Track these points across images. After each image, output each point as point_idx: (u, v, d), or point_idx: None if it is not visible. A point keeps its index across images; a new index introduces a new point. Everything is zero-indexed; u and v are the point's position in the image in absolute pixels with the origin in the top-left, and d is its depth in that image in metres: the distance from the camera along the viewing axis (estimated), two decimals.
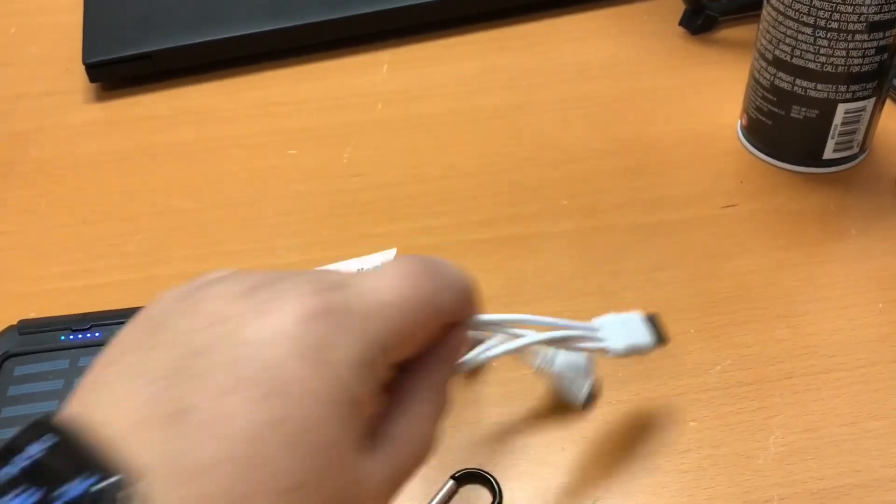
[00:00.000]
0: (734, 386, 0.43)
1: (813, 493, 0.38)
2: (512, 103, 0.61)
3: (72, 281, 0.51)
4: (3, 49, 0.71)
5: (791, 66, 0.50)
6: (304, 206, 0.55)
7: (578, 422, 0.42)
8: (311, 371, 0.23)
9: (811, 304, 0.46)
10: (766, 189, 0.53)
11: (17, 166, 0.59)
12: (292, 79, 0.66)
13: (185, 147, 0.60)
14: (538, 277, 0.49)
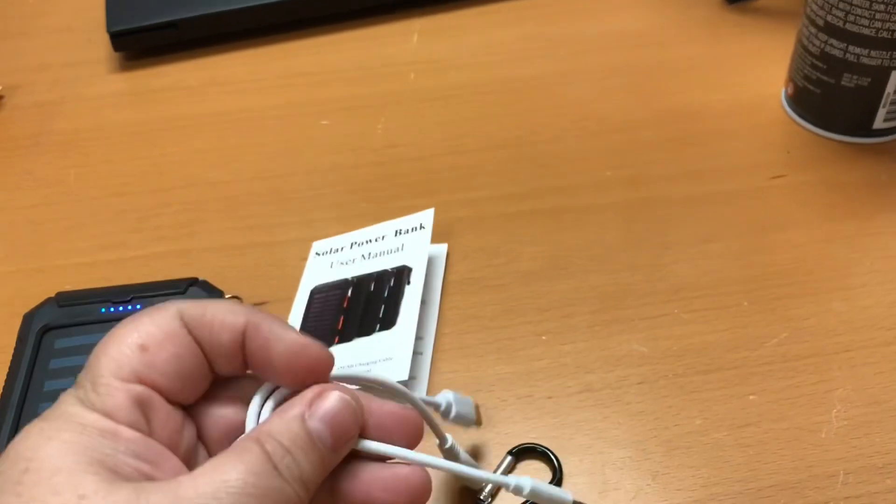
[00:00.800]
0: (792, 359, 0.42)
1: (879, 467, 0.37)
2: (550, 72, 0.60)
3: (105, 254, 0.50)
4: (23, 19, 0.69)
5: (844, 32, 0.49)
6: (339, 178, 0.53)
7: (634, 396, 0.41)
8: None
9: (867, 276, 0.45)
10: (815, 160, 0.52)
11: (42, 137, 0.58)
12: (319, 49, 0.64)
13: (213, 118, 0.59)
14: (585, 250, 0.48)
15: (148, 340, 0.24)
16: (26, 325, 0.43)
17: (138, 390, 0.24)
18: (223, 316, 0.26)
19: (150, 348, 0.24)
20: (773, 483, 0.37)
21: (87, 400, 0.23)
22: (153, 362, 0.24)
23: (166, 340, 0.25)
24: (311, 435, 0.24)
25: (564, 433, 0.39)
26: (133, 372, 0.24)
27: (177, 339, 0.25)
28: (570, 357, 0.42)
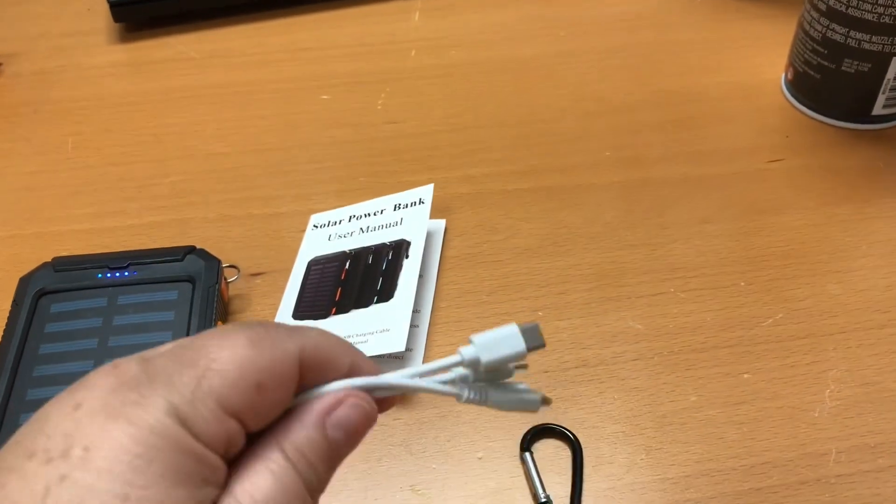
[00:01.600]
0: (787, 339, 0.42)
1: (871, 446, 0.38)
2: (550, 53, 0.60)
3: (103, 221, 0.49)
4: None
5: (846, 16, 0.49)
6: (339, 153, 0.53)
7: (629, 372, 0.41)
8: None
9: (864, 260, 0.45)
10: (813, 144, 0.52)
11: (40, 106, 0.58)
12: (321, 24, 0.64)
13: (214, 90, 0.59)
14: (583, 228, 0.48)
15: (266, 381, 0.22)
16: (22, 288, 0.42)
17: (235, 428, 0.22)
18: (334, 356, 0.24)
19: (266, 392, 0.22)
20: (766, 460, 0.37)
21: (185, 418, 0.21)
22: (260, 408, 0.22)
23: (280, 387, 0.23)
24: (330, 444, 0.24)
25: (559, 407, 0.40)
26: (238, 411, 0.22)
27: (289, 385, 0.23)
28: (567, 333, 0.43)
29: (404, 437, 0.39)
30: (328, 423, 0.24)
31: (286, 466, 0.22)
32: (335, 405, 0.24)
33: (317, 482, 0.23)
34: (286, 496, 0.22)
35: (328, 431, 0.24)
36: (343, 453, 0.24)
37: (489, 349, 0.26)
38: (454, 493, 0.37)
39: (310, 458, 0.23)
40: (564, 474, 0.37)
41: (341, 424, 0.24)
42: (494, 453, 0.38)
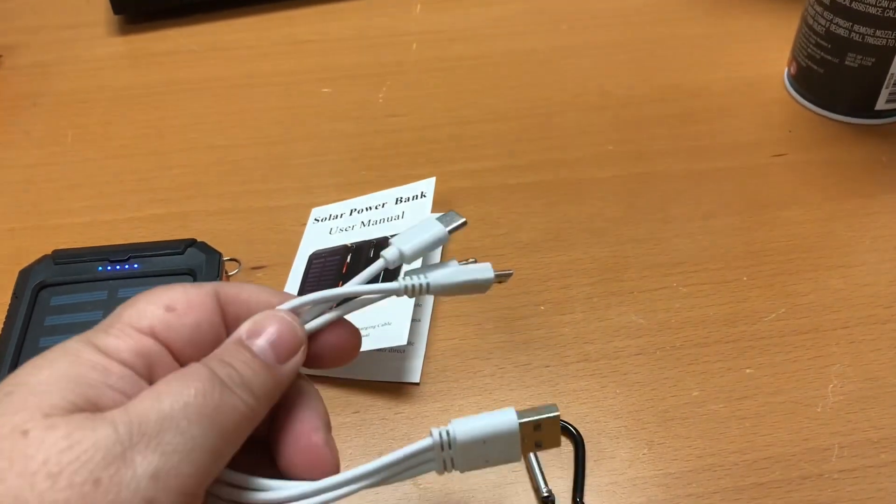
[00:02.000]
0: (790, 334, 0.42)
1: (873, 441, 0.38)
2: (553, 46, 0.60)
3: (102, 214, 0.49)
4: None
5: (850, 10, 0.49)
6: (339, 146, 0.53)
7: (631, 367, 0.41)
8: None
9: (867, 255, 0.45)
10: (816, 139, 0.52)
11: (40, 98, 0.57)
12: (321, 17, 0.64)
13: (214, 83, 0.58)
14: (586, 222, 0.47)
15: (176, 303, 0.25)
16: (22, 281, 0.42)
17: (148, 342, 0.24)
18: (260, 296, 0.26)
19: (176, 310, 0.25)
20: (769, 455, 0.37)
21: (92, 339, 0.23)
22: (173, 324, 0.24)
23: (194, 308, 0.25)
24: (251, 350, 0.25)
25: (561, 402, 0.39)
26: (150, 326, 0.24)
27: (205, 309, 0.25)
28: (569, 327, 0.42)
29: (406, 430, 0.39)
30: (249, 337, 0.25)
31: (197, 366, 0.24)
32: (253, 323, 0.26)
33: (239, 378, 0.24)
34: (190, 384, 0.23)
35: (247, 342, 0.25)
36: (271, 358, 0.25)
37: (408, 240, 0.27)
38: (456, 486, 0.37)
39: (225, 359, 0.24)
40: (566, 469, 0.37)
41: (259, 333, 0.25)
42: None
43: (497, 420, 0.25)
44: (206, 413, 0.22)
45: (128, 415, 0.21)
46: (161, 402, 0.22)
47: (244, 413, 0.23)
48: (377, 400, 0.40)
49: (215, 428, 0.22)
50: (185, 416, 0.22)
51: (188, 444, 0.22)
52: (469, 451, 0.25)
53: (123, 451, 0.21)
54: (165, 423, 0.21)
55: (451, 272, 0.26)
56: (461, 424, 0.25)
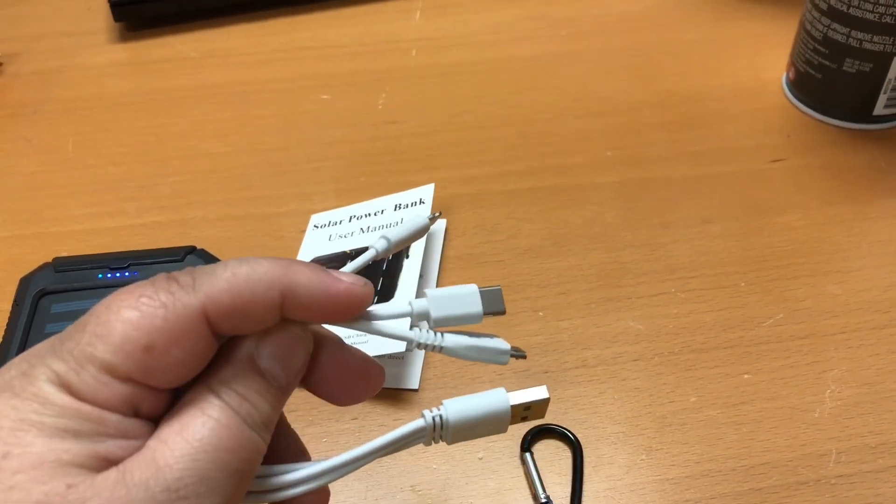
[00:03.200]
0: (787, 340, 0.42)
1: (871, 447, 0.38)
2: (551, 52, 0.60)
3: (103, 222, 0.49)
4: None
5: (847, 16, 0.49)
6: (338, 152, 0.53)
7: (629, 372, 0.41)
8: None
9: (864, 260, 0.45)
10: (814, 144, 0.52)
11: (41, 106, 0.58)
12: (321, 23, 0.64)
13: (213, 90, 0.59)
14: (584, 228, 0.48)
15: (155, 340, 0.21)
16: (23, 289, 0.42)
17: (128, 391, 0.21)
18: (254, 295, 0.23)
19: (156, 351, 0.21)
20: (766, 461, 0.37)
21: (68, 383, 0.21)
22: (153, 367, 0.21)
23: (176, 342, 0.22)
24: (263, 376, 0.23)
25: (559, 408, 0.39)
26: (128, 373, 0.21)
27: (189, 340, 0.22)
28: (567, 333, 0.43)
29: None
30: (257, 355, 0.23)
31: (219, 405, 0.22)
32: (262, 338, 0.24)
33: (258, 416, 0.23)
34: (222, 434, 0.22)
35: (260, 363, 0.23)
36: (284, 384, 0.24)
37: (442, 305, 0.25)
38: (455, 493, 0.37)
39: (243, 393, 0.23)
40: (565, 475, 0.37)
41: (272, 354, 0.23)
42: (495, 454, 0.38)
43: (489, 403, 0.25)
44: (239, 467, 0.22)
45: (162, 476, 0.20)
46: (195, 461, 0.21)
47: (262, 451, 0.23)
48: (376, 406, 0.40)
49: (244, 477, 0.22)
50: (221, 474, 0.21)
51: (223, 500, 0.21)
52: (460, 431, 0.25)
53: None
54: (203, 484, 0.21)
55: (468, 346, 0.26)
56: (454, 407, 0.25)
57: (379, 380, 0.26)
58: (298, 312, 0.24)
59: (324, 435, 0.39)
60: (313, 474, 0.24)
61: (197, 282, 0.22)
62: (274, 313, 0.23)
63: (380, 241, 0.28)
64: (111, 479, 0.20)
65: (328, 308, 0.24)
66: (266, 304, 0.23)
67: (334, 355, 0.26)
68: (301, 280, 0.23)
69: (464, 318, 0.26)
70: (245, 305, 0.22)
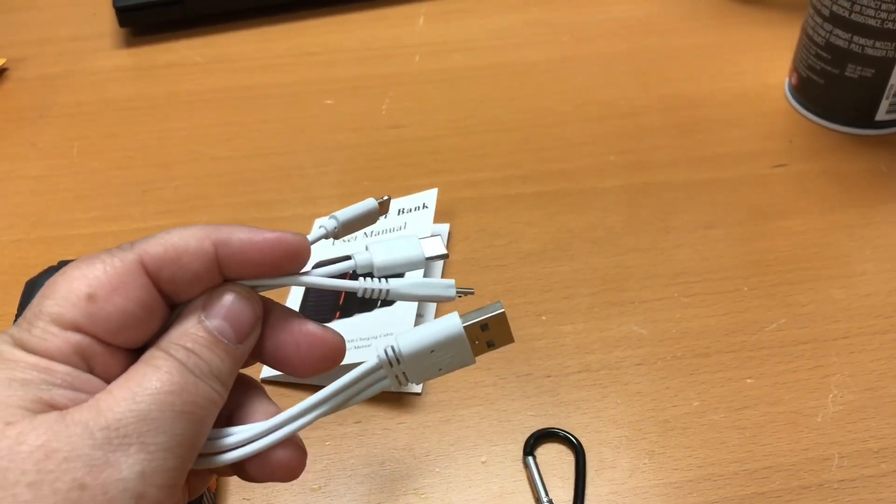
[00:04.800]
0: (790, 344, 0.42)
1: (874, 451, 0.38)
2: (554, 57, 0.60)
3: (107, 225, 0.50)
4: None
5: (849, 22, 0.49)
6: (342, 157, 0.54)
7: (632, 377, 0.41)
8: None
9: (867, 265, 0.45)
10: (817, 150, 0.52)
11: (46, 110, 0.58)
12: (325, 29, 0.64)
13: (218, 95, 0.59)
14: (586, 232, 0.48)
15: (97, 289, 0.23)
16: (28, 292, 0.43)
17: (77, 339, 0.23)
18: (188, 246, 0.24)
19: (98, 298, 0.23)
20: (769, 465, 0.37)
21: (21, 340, 0.23)
22: (97, 314, 0.23)
23: (117, 290, 0.23)
24: (212, 333, 0.24)
25: (562, 411, 0.40)
26: (74, 322, 0.23)
27: (129, 288, 0.23)
28: (570, 337, 0.43)
29: (408, 440, 0.39)
30: (205, 314, 0.24)
31: (163, 357, 0.23)
32: (208, 297, 0.25)
33: (206, 367, 0.24)
34: (164, 378, 0.22)
35: (206, 323, 0.24)
36: (234, 339, 0.25)
37: (384, 253, 0.26)
38: (457, 496, 0.37)
39: (189, 346, 0.24)
40: (567, 479, 0.37)
41: (219, 313, 0.24)
42: (497, 457, 0.38)
43: (441, 327, 0.25)
44: (184, 409, 0.22)
45: (103, 417, 0.21)
46: (137, 403, 0.22)
47: (215, 401, 0.24)
48: (379, 410, 0.40)
49: (193, 421, 0.23)
50: (164, 414, 0.22)
51: (170, 441, 0.22)
52: (419, 363, 0.25)
53: (105, 455, 0.21)
54: (145, 423, 0.22)
55: (412, 284, 0.26)
56: (405, 338, 0.25)
57: (338, 347, 0.26)
58: (236, 266, 0.25)
59: (327, 438, 0.39)
60: (260, 432, 0.24)
61: (134, 244, 0.24)
62: (211, 267, 0.24)
63: (329, 220, 0.28)
64: (51, 419, 0.21)
65: (263, 257, 0.25)
66: (200, 254, 0.24)
67: (287, 323, 0.26)
68: (234, 233, 0.25)
69: (407, 264, 0.26)
70: (179, 254, 0.24)
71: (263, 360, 0.26)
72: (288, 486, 0.37)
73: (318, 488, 0.37)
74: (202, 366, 0.23)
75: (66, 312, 0.23)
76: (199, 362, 0.23)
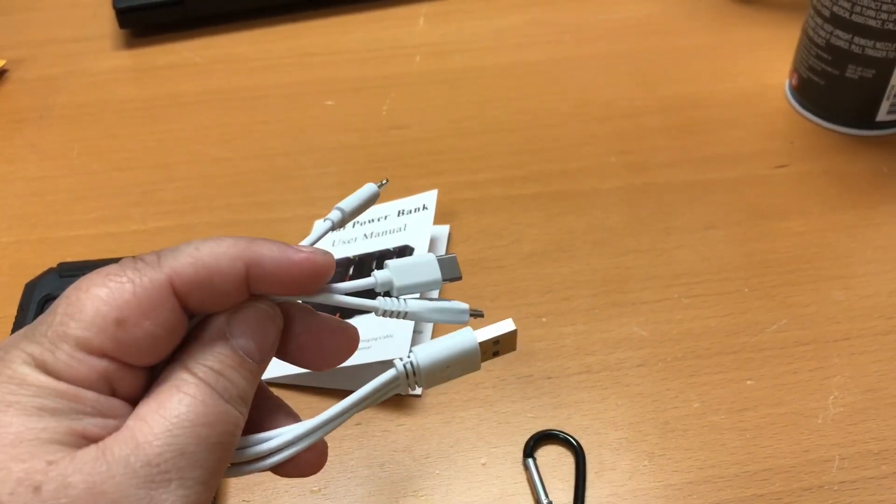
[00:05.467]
0: (791, 346, 0.42)
1: (875, 453, 0.38)
2: (555, 58, 0.60)
3: (107, 227, 0.50)
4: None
5: (850, 23, 0.49)
6: (343, 158, 0.54)
7: (633, 378, 0.41)
8: None
9: (868, 266, 0.45)
10: (817, 150, 0.52)
11: (46, 112, 0.58)
12: (326, 30, 0.64)
13: (218, 96, 0.59)
14: (587, 234, 0.48)
15: (126, 314, 0.22)
16: (28, 294, 0.43)
17: (103, 366, 0.22)
18: (219, 266, 0.23)
19: (127, 324, 0.22)
20: (769, 466, 0.37)
21: (45, 363, 0.21)
22: (126, 340, 0.22)
23: (146, 315, 0.22)
24: (238, 353, 0.24)
25: (562, 413, 0.40)
26: (101, 348, 0.22)
27: (159, 312, 0.22)
28: (570, 339, 0.43)
29: (407, 442, 0.39)
30: (229, 332, 0.24)
31: (194, 382, 0.23)
32: (233, 314, 0.24)
33: (234, 391, 0.23)
34: (198, 409, 0.22)
35: (232, 340, 0.24)
36: (258, 358, 0.24)
37: (403, 274, 0.27)
38: (457, 498, 0.37)
39: (218, 369, 0.23)
40: (567, 480, 0.37)
41: (243, 331, 0.24)
42: (497, 459, 0.38)
43: (457, 342, 0.26)
44: (218, 440, 0.22)
45: (143, 452, 0.21)
46: (175, 436, 0.21)
47: (241, 424, 0.24)
48: (379, 412, 0.40)
49: (224, 450, 0.23)
50: (200, 447, 0.22)
51: (205, 474, 0.22)
52: (432, 374, 0.26)
53: (149, 494, 0.21)
54: (183, 458, 0.21)
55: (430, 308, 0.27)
56: (424, 352, 0.26)
57: (354, 339, 0.27)
58: (264, 285, 0.24)
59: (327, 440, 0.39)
60: (294, 438, 0.25)
61: (162, 258, 0.23)
62: (240, 286, 0.24)
63: (334, 212, 0.29)
64: (91, 456, 0.21)
65: (293, 277, 0.24)
66: (232, 276, 0.23)
67: (308, 323, 0.26)
68: (264, 252, 0.24)
69: (424, 285, 0.27)
70: (211, 276, 0.23)
71: (283, 358, 0.27)
72: (287, 488, 0.37)
73: (317, 490, 0.37)
74: (231, 389, 0.23)
75: (93, 338, 0.22)
76: (228, 385, 0.23)
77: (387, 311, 0.27)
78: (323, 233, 0.28)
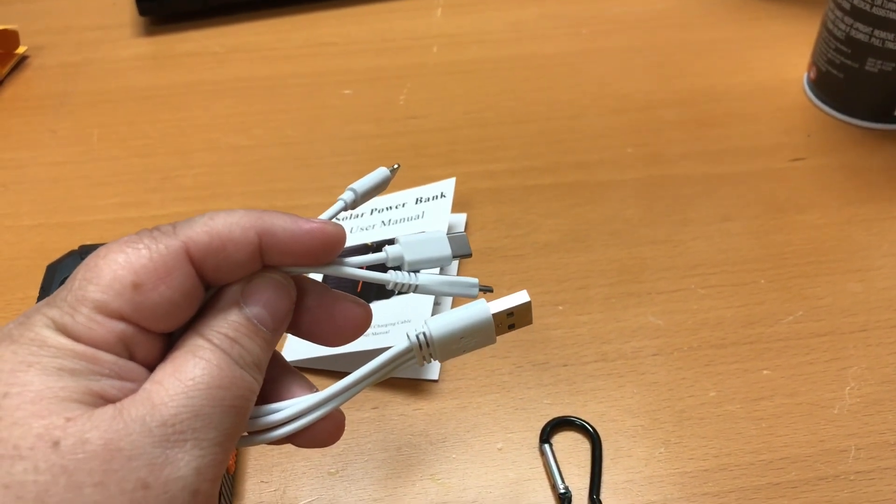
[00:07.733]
0: (807, 337, 0.42)
1: (891, 444, 0.38)
2: (572, 50, 0.60)
3: (127, 212, 0.50)
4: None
5: (870, 15, 0.49)
6: (361, 147, 0.54)
7: (649, 367, 0.41)
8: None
9: (885, 259, 0.45)
10: (835, 144, 0.52)
11: (66, 98, 0.59)
12: (344, 20, 0.65)
13: (237, 84, 0.59)
14: (604, 224, 0.48)
15: (143, 278, 0.22)
16: (49, 276, 0.43)
17: (121, 328, 0.22)
18: (232, 235, 0.24)
19: (144, 287, 0.22)
20: (785, 456, 0.37)
21: (65, 326, 0.22)
22: (143, 303, 0.22)
23: (163, 279, 0.23)
24: (252, 321, 0.24)
25: (578, 400, 0.40)
26: (119, 311, 0.22)
27: (174, 276, 0.23)
28: (587, 327, 0.43)
29: (424, 426, 0.39)
30: (243, 301, 0.24)
31: (210, 348, 0.23)
32: (246, 284, 0.25)
33: (249, 357, 0.24)
34: (214, 373, 0.23)
35: (245, 309, 0.24)
36: (271, 327, 0.25)
37: (414, 250, 0.27)
38: (474, 482, 0.37)
39: (233, 336, 0.24)
40: (583, 466, 0.37)
41: (257, 300, 0.25)
42: (514, 444, 0.38)
43: (470, 314, 0.26)
44: (233, 403, 0.23)
45: (158, 413, 0.21)
46: (191, 398, 0.22)
47: (256, 390, 0.24)
48: (396, 396, 0.40)
49: (239, 414, 0.23)
50: (215, 409, 0.22)
51: (220, 436, 0.22)
52: (446, 346, 0.26)
53: (164, 453, 0.21)
54: (199, 419, 0.22)
55: (440, 281, 0.27)
56: (437, 323, 0.26)
57: (368, 316, 0.27)
58: (277, 255, 0.25)
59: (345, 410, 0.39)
60: (307, 407, 0.26)
61: (177, 228, 0.24)
62: (254, 256, 0.24)
63: (347, 192, 0.29)
64: (108, 414, 0.21)
65: (304, 246, 0.25)
66: (244, 245, 0.24)
67: (321, 297, 0.27)
68: (276, 221, 0.24)
69: (435, 261, 0.27)
70: (224, 245, 0.24)
71: (297, 333, 0.27)
72: (305, 469, 0.38)
73: (335, 472, 0.38)
74: (245, 356, 0.24)
75: (111, 301, 0.22)
76: (243, 352, 0.24)
77: (397, 284, 0.27)
78: (336, 212, 0.28)
